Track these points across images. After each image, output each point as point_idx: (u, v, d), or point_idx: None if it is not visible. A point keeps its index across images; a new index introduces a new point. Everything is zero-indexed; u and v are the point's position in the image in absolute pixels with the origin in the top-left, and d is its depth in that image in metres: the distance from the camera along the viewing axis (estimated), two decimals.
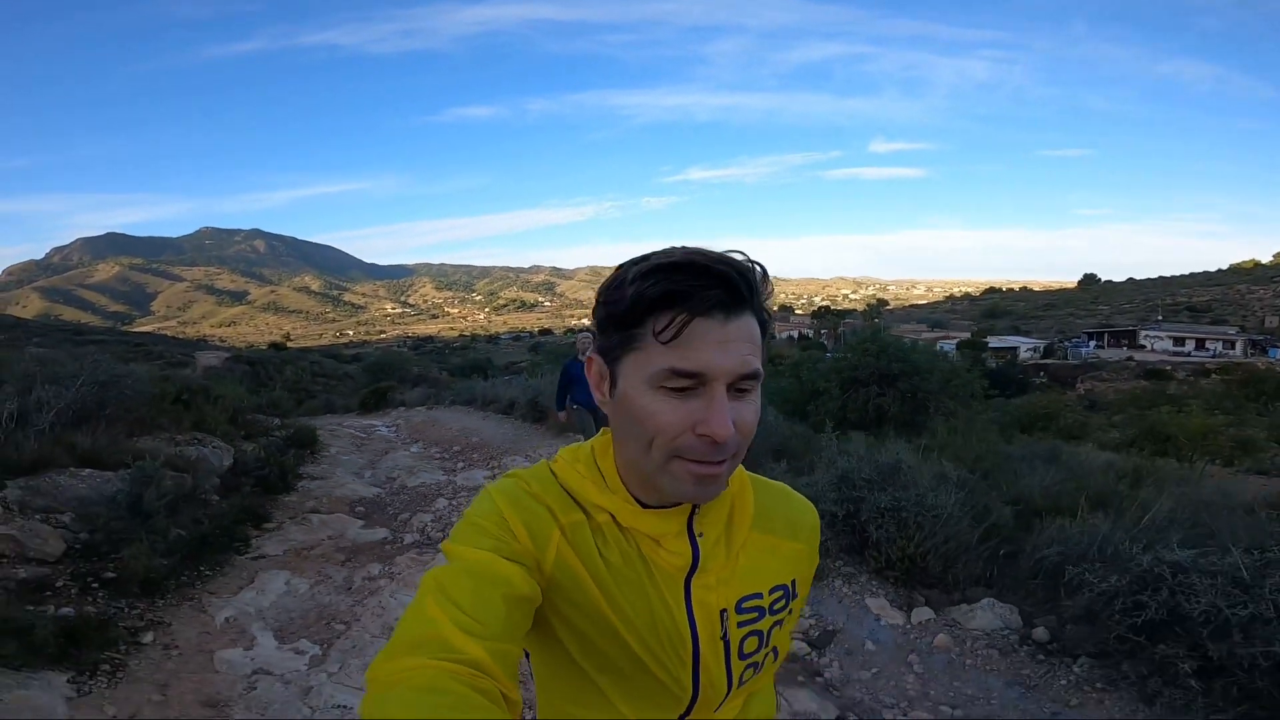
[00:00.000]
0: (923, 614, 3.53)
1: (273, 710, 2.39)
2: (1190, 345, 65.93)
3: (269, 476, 5.02)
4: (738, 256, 0.66)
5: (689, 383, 0.64)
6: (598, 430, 0.87)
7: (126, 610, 2.78)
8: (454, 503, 5.32)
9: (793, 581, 0.83)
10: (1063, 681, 2.90)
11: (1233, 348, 64.14)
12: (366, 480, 6.04)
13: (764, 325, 0.69)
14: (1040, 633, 3.26)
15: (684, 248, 0.66)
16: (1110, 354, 63.94)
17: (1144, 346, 67.61)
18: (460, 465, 6.81)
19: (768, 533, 0.82)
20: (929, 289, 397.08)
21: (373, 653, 2.88)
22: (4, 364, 4.42)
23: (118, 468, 3.53)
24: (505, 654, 0.61)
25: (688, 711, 0.77)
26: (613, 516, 0.74)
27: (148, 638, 2.73)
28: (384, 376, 20.37)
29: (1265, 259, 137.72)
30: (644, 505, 0.74)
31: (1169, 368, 51.83)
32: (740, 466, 0.78)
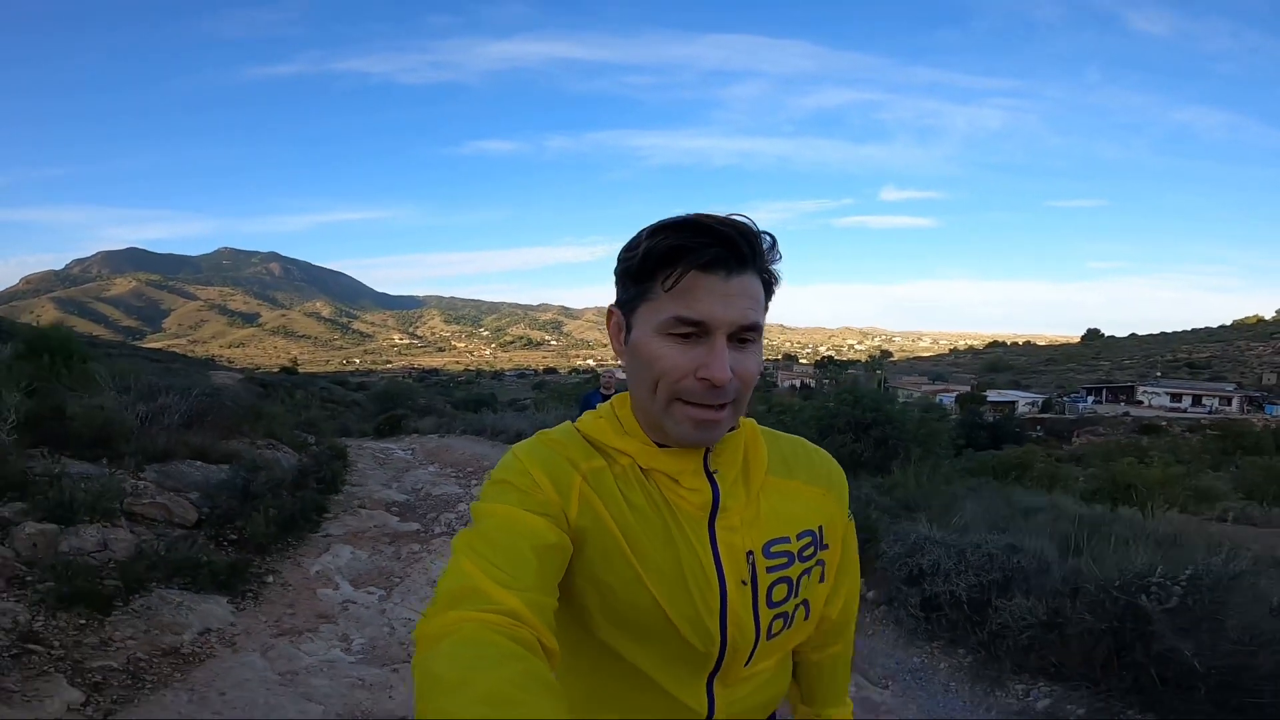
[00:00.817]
0: None
1: (363, 619, 3.51)
2: (1187, 401, 66.52)
3: (324, 478, 6.03)
4: (743, 219, 0.72)
5: (692, 329, 0.70)
6: None
7: (250, 561, 3.79)
8: (466, 508, 6.29)
9: (820, 528, 0.83)
10: (866, 618, 4.00)
11: (1229, 404, 64.62)
12: (395, 490, 7.05)
13: (768, 285, 0.75)
14: (871, 594, 4.36)
15: (695, 213, 0.71)
16: (1108, 409, 64.61)
17: (1141, 402, 68.24)
18: (474, 482, 7.85)
19: (786, 477, 0.83)
20: (935, 340, 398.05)
21: (422, 594, 3.92)
22: (132, 374, 5.53)
23: (218, 462, 4.59)
24: (540, 604, 0.63)
25: (717, 667, 0.77)
26: (633, 459, 0.77)
27: (269, 579, 3.85)
28: (391, 405, 21.34)
29: (1270, 314, 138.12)
30: (660, 446, 0.77)
31: (1164, 423, 52.24)
32: (751, 420, 0.83)
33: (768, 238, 0.75)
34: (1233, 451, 22.62)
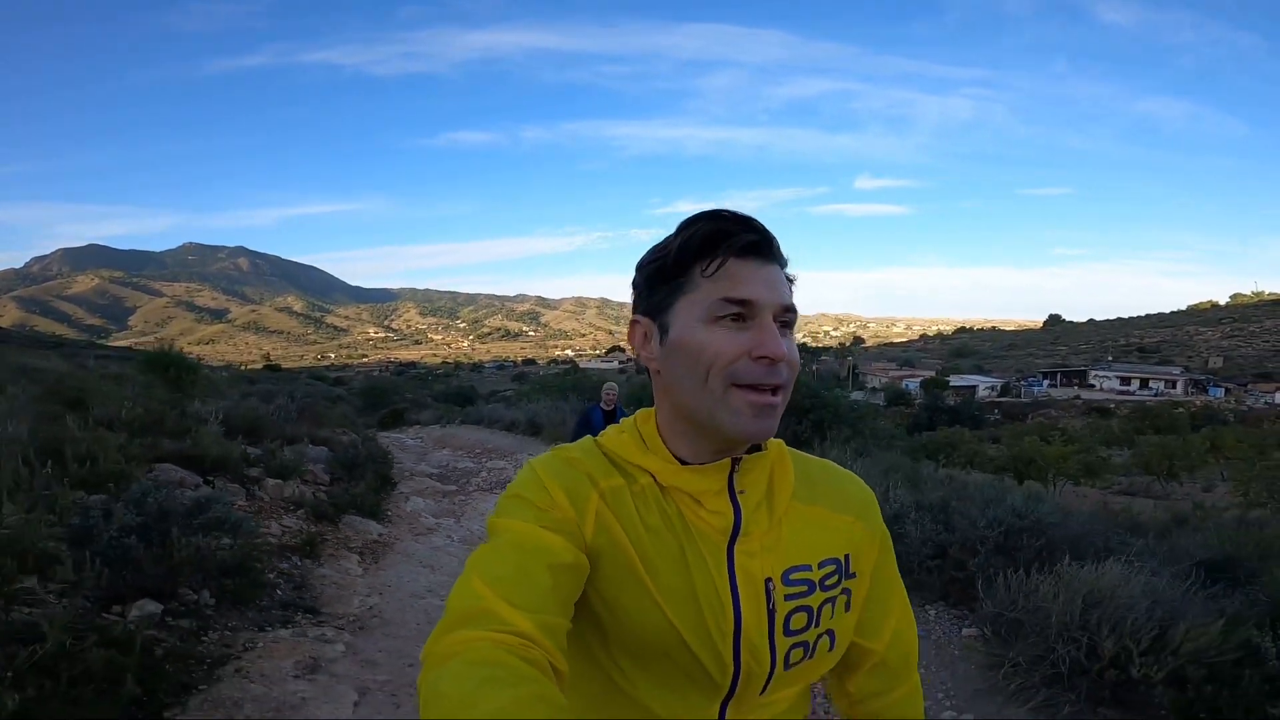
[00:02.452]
0: None
1: (450, 529, 5.64)
2: (1135, 384, 69.64)
3: (383, 457, 7.89)
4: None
5: (740, 309, 0.70)
6: None
7: (370, 508, 5.79)
8: (490, 474, 8.43)
9: (846, 556, 0.80)
10: None
11: (1174, 387, 67.72)
12: (426, 466, 8.94)
13: (788, 281, 0.76)
14: None
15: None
16: (1061, 393, 67.86)
17: (1093, 386, 71.44)
18: (485, 460, 9.83)
19: (812, 503, 0.81)
20: (909, 326, 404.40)
21: (476, 520, 5.96)
22: (248, 379, 7.34)
23: (319, 444, 6.47)
24: (552, 626, 0.62)
25: (730, 695, 0.75)
26: (654, 478, 0.75)
27: (388, 514, 5.89)
28: (378, 401, 22.77)
29: (1224, 300, 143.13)
30: (683, 463, 0.75)
31: (1113, 405, 55.29)
32: (779, 441, 0.80)
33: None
34: (1146, 431, 25.30)
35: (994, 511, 4.52)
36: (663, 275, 0.74)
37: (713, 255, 0.71)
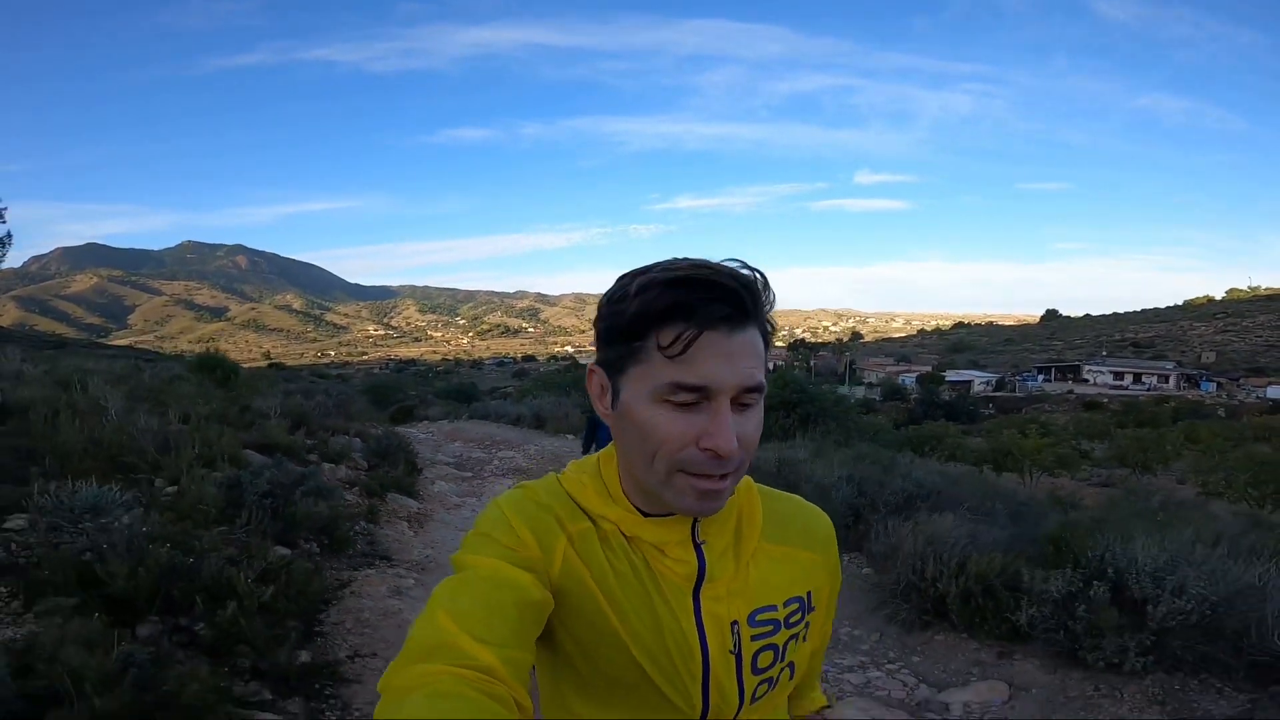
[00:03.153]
0: None
1: (474, 505, 6.42)
2: (1128, 379, 69.80)
3: (407, 447, 8.78)
4: (740, 268, 0.67)
5: (693, 397, 0.64)
6: None
7: (406, 488, 6.61)
8: (501, 462, 9.32)
9: (808, 594, 0.82)
10: None
11: (1167, 381, 68.08)
12: (443, 456, 9.73)
13: (766, 337, 0.69)
14: None
15: (688, 260, 0.66)
16: (1056, 387, 68.48)
17: (1087, 380, 71.72)
18: (495, 450, 10.66)
19: (780, 543, 0.81)
20: (908, 321, 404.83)
21: (490, 495, 6.84)
22: (285, 378, 8.22)
23: (353, 436, 7.31)
24: (517, 661, 0.62)
25: None
26: (618, 527, 0.75)
27: (419, 493, 6.67)
28: (383, 398, 23.53)
29: (1220, 295, 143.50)
30: (645, 514, 0.75)
31: (1105, 400, 55.93)
32: (748, 477, 0.79)
33: (760, 277, 0.68)
34: (1128, 425, 26.14)
35: (896, 481, 5.66)
36: (617, 335, 0.68)
37: (672, 326, 0.64)
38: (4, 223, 18.19)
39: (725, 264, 0.67)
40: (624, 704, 0.74)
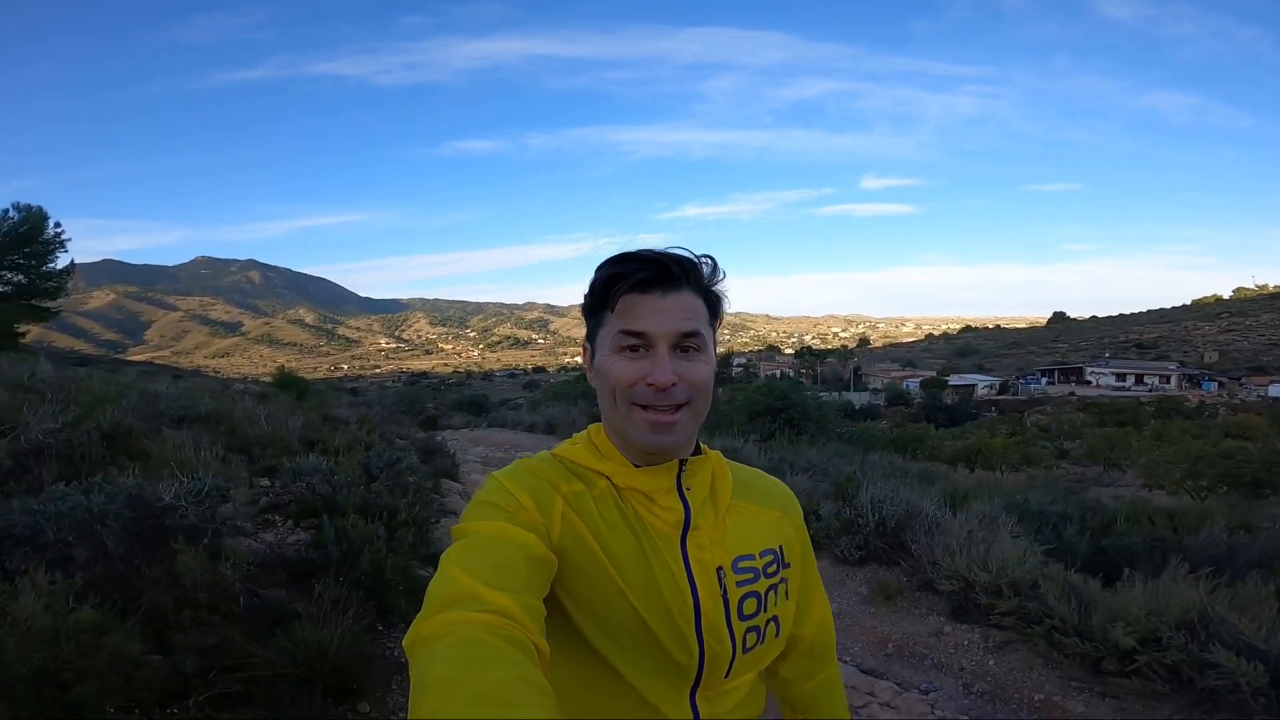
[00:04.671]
0: None
1: None
2: (1131, 381, 70.26)
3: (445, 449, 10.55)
4: (680, 252, 0.82)
5: (637, 341, 0.80)
6: None
7: (453, 477, 8.19)
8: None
9: (780, 547, 0.91)
10: None
11: (1169, 382, 68.28)
12: (470, 457, 11.46)
13: (712, 304, 0.85)
14: None
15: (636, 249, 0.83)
16: (1058, 390, 69.07)
17: (1090, 382, 71.86)
18: (514, 452, 12.35)
19: (749, 501, 0.92)
20: (918, 326, 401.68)
21: None
22: (350, 391, 9.96)
23: (403, 439, 9.09)
24: (532, 607, 0.66)
25: (698, 682, 0.82)
26: (610, 481, 0.84)
27: (461, 482, 8.31)
28: (411, 409, 25.31)
29: (1228, 295, 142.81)
30: (636, 466, 0.84)
31: (1107, 401, 56.67)
32: (717, 453, 0.92)
33: (708, 262, 0.85)
34: (1108, 424, 27.51)
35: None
36: (590, 308, 0.86)
37: (614, 295, 0.81)
38: (65, 251, 20.01)
39: (668, 248, 0.83)
40: (628, 661, 0.79)
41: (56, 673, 1.63)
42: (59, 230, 19.04)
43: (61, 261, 19.76)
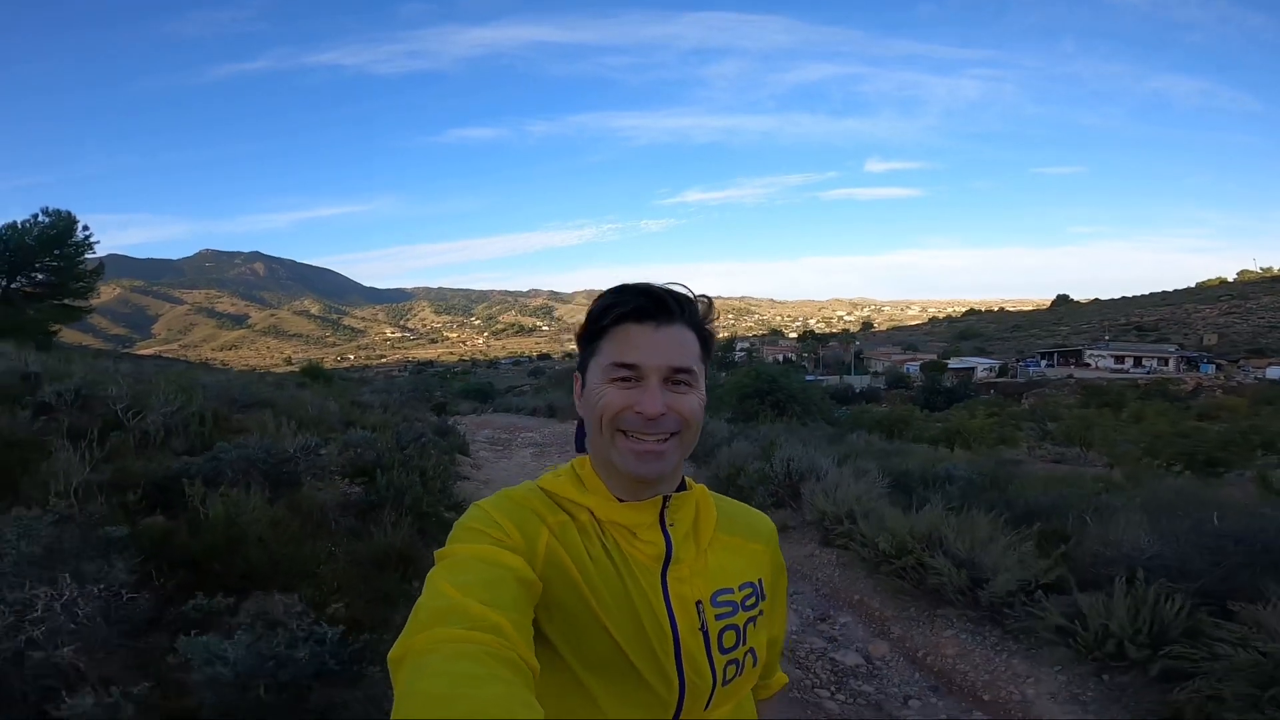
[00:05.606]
0: None
1: (502, 458, 9.39)
2: (1129, 363, 70.66)
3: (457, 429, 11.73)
4: (677, 288, 0.85)
5: (629, 373, 0.81)
6: None
7: (464, 451, 9.44)
8: (523, 439, 12.35)
9: (759, 581, 0.93)
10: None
11: (1166, 364, 68.66)
12: (479, 437, 12.64)
13: (705, 340, 0.87)
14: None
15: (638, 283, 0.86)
16: (1057, 372, 69.57)
17: (1089, 365, 72.10)
18: (517, 433, 13.60)
19: (731, 534, 0.93)
20: (923, 309, 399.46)
21: (518, 454, 9.77)
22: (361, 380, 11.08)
23: (420, 420, 10.30)
24: (522, 626, 0.67)
25: (677, 714, 0.82)
26: (592, 514, 0.85)
27: (472, 456, 9.56)
28: (423, 396, 26.71)
29: (1232, 277, 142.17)
30: (620, 501, 0.85)
31: (1104, 383, 57.17)
32: (702, 486, 0.94)
33: (704, 300, 0.87)
34: (1091, 405, 28.46)
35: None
36: (584, 338, 0.88)
37: (609, 323, 0.83)
38: (93, 252, 21.13)
39: (668, 284, 0.85)
40: (609, 690, 0.80)
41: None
42: (87, 233, 20.11)
43: (89, 262, 20.89)
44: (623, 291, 0.84)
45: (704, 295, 0.87)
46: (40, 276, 19.71)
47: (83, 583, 2.06)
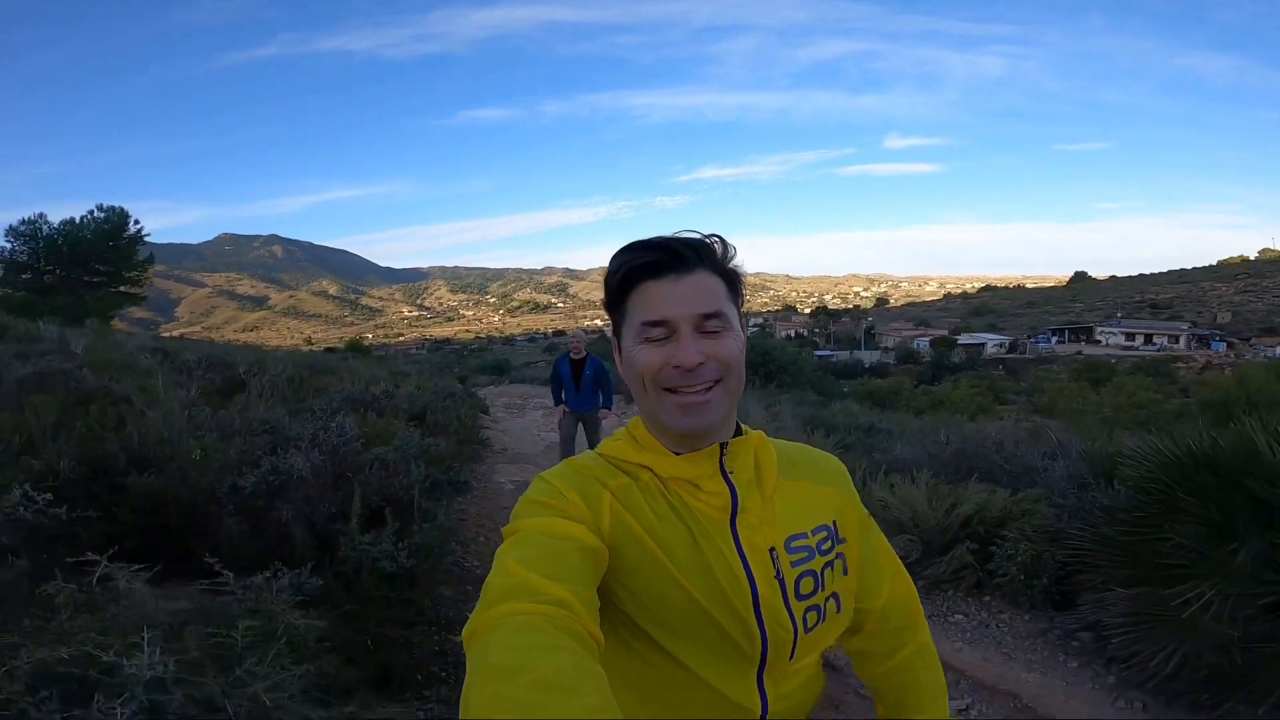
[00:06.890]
0: None
1: (517, 419, 11.10)
2: (1140, 340, 70.02)
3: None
4: (687, 234, 0.82)
5: (660, 331, 0.79)
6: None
7: (484, 411, 11.17)
8: (535, 405, 13.93)
9: (834, 522, 0.90)
10: None
11: (1178, 342, 67.54)
12: (496, 405, 14.43)
13: (730, 280, 0.84)
14: None
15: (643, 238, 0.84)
16: (1067, 349, 69.67)
17: (1100, 342, 71.88)
18: (529, 400, 15.25)
19: (796, 478, 0.90)
20: (941, 285, 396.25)
21: (529, 415, 11.41)
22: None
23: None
24: (587, 598, 0.68)
25: (763, 665, 0.81)
26: (653, 472, 0.84)
27: (494, 418, 11.30)
28: (446, 369, 28.55)
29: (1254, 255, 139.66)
30: (676, 454, 0.84)
31: (1113, 360, 57.35)
32: (760, 432, 0.90)
33: (717, 240, 0.83)
34: (1080, 380, 29.58)
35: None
36: (609, 304, 0.86)
37: (628, 286, 0.82)
38: (144, 244, 22.98)
39: (677, 233, 0.83)
40: (690, 650, 0.80)
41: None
42: (139, 226, 21.93)
43: (140, 252, 22.76)
44: (634, 248, 0.82)
45: (715, 235, 0.84)
46: (99, 267, 21.53)
47: None
